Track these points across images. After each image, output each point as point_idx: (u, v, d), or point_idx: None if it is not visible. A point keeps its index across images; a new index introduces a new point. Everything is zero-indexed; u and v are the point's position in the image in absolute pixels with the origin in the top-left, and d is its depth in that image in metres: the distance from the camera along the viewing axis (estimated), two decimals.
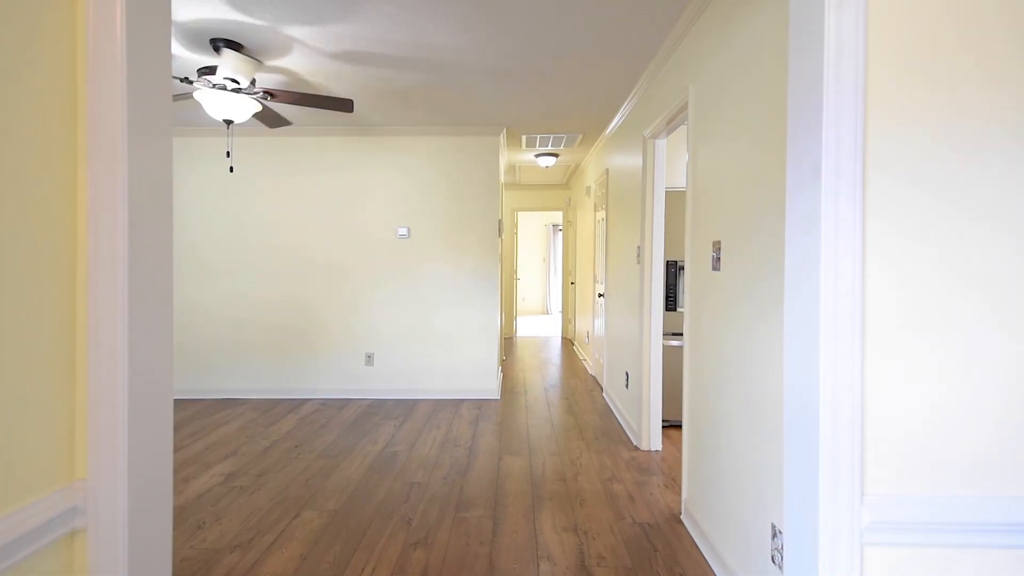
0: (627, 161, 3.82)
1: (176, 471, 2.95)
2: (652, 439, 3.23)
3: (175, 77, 2.47)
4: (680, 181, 3.97)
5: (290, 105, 3.48)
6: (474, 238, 4.49)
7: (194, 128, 4.39)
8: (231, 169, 2.92)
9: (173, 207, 4.12)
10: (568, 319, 7.85)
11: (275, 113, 3.05)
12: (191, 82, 2.58)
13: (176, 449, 3.30)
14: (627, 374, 3.67)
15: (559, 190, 7.87)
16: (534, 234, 11.42)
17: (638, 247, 3.40)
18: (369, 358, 4.51)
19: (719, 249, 2.10)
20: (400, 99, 3.68)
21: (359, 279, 4.50)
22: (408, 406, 4.26)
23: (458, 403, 4.34)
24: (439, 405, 4.28)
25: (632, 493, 2.65)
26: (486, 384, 4.48)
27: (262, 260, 4.50)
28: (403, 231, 4.48)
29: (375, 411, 4.13)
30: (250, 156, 4.47)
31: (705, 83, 2.26)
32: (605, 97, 3.67)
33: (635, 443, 3.34)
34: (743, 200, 1.85)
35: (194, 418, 3.94)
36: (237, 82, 2.69)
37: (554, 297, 11.31)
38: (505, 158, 5.70)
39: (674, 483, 2.78)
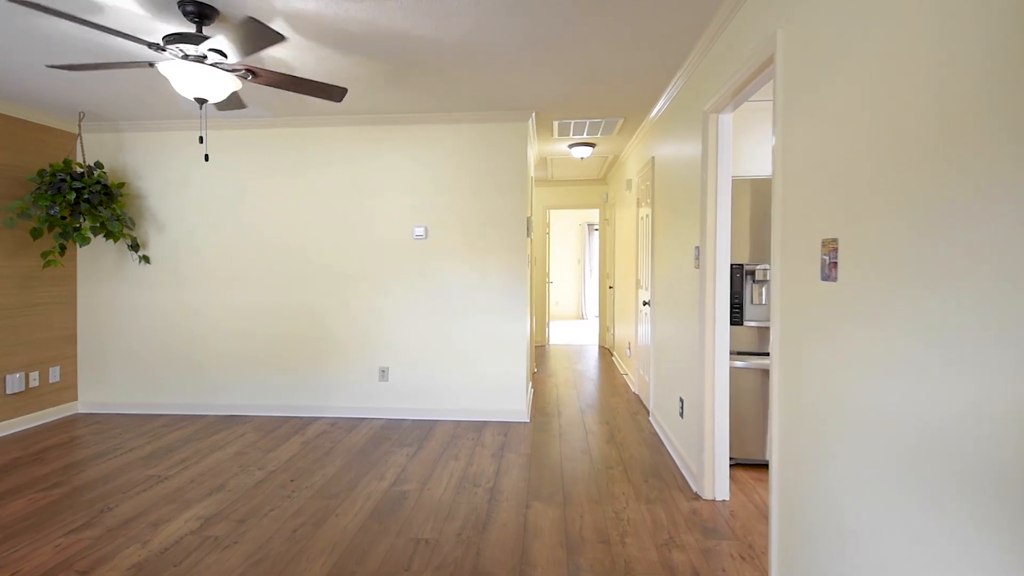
0: (679, 146, 3.19)
1: (148, 511, 2.53)
2: (717, 485, 2.60)
3: (134, 39, 2.03)
4: (743, 169, 3.30)
5: (274, 88, 3.03)
6: (499, 238, 3.95)
7: (190, 123, 4.01)
8: (206, 158, 2.49)
9: (178, 211, 3.65)
10: (606, 327, 7.21)
11: (236, 95, 2.59)
12: (159, 48, 2.13)
13: (159, 480, 2.89)
14: (681, 400, 3.04)
15: (595, 185, 7.25)
16: (568, 234, 10.81)
17: (696, 248, 2.78)
18: (383, 373, 4.03)
19: (834, 252, 1.48)
20: (411, 81, 3.18)
21: (371, 285, 4.03)
22: (425, 429, 3.76)
23: (481, 427, 3.80)
24: (460, 429, 3.76)
25: (699, 568, 2.04)
26: (513, 404, 3.93)
27: (267, 265, 4.09)
28: (420, 231, 3.98)
29: (388, 434, 3.64)
30: (250, 152, 4.07)
31: (806, 22, 1.63)
32: (653, 68, 3.05)
33: (694, 489, 2.72)
34: (890, 182, 1.23)
35: (191, 439, 3.55)
36: (223, 55, 2.23)
37: (590, 301, 10.65)
38: (535, 149, 5.14)
39: (752, 553, 2.15)
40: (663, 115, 3.66)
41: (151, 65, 2.07)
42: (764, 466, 3.05)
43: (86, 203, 3.61)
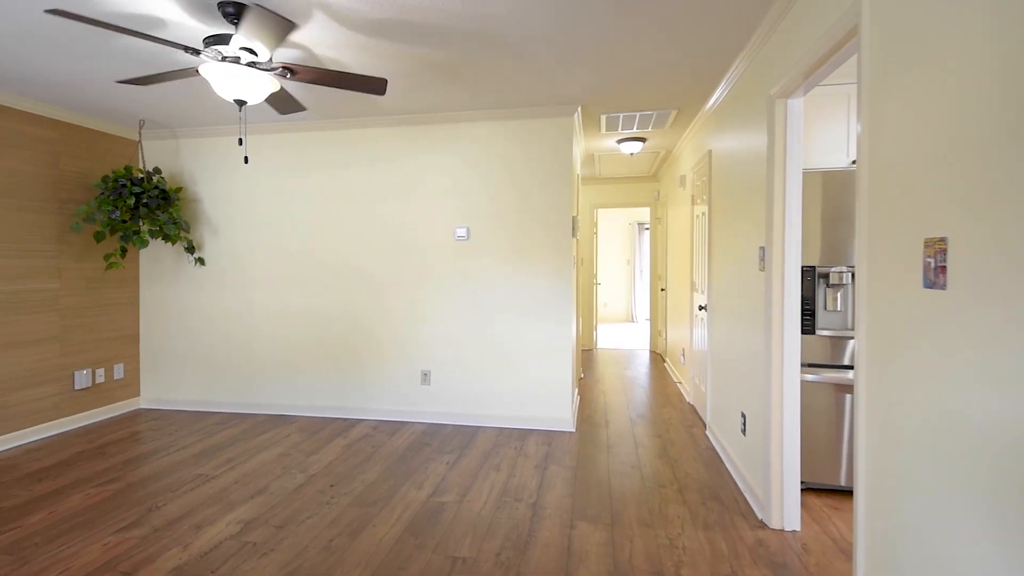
0: (739, 138, 2.92)
1: (193, 512, 2.54)
2: (787, 514, 2.33)
3: (177, 46, 2.03)
4: (811, 161, 2.99)
5: (314, 86, 3.00)
6: (544, 238, 3.79)
7: (233, 127, 4.10)
8: (246, 160, 2.48)
9: (229, 214, 3.72)
10: (657, 331, 6.89)
11: (289, 95, 2.56)
12: (197, 52, 2.12)
13: (206, 479, 2.93)
14: (744, 416, 2.77)
15: (645, 183, 6.94)
16: (617, 233, 10.48)
17: (761, 248, 2.52)
18: (425, 376, 3.96)
19: (941, 253, 1.23)
20: (451, 77, 3.08)
21: (413, 287, 3.98)
22: (467, 435, 3.65)
23: (524, 435, 3.65)
24: (502, 437, 3.62)
25: None
26: (558, 412, 3.76)
27: (312, 267, 4.13)
28: (461, 232, 3.89)
29: (429, 440, 3.56)
30: (294, 155, 4.11)
31: None
32: (710, 53, 2.80)
33: (759, 516, 2.45)
34: None
35: (239, 438, 3.61)
36: (254, 53, 2.21)
37: (640, 303, 10.29)
38: (581, 146, 4.95)
39: None
40: (721, 104, 3.39)
41: (187, 50, 2.06)
42: (839, 492, 2.73)
43: (145, 207, 3.75)
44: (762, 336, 2.49)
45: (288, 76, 2.34)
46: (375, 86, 2.40)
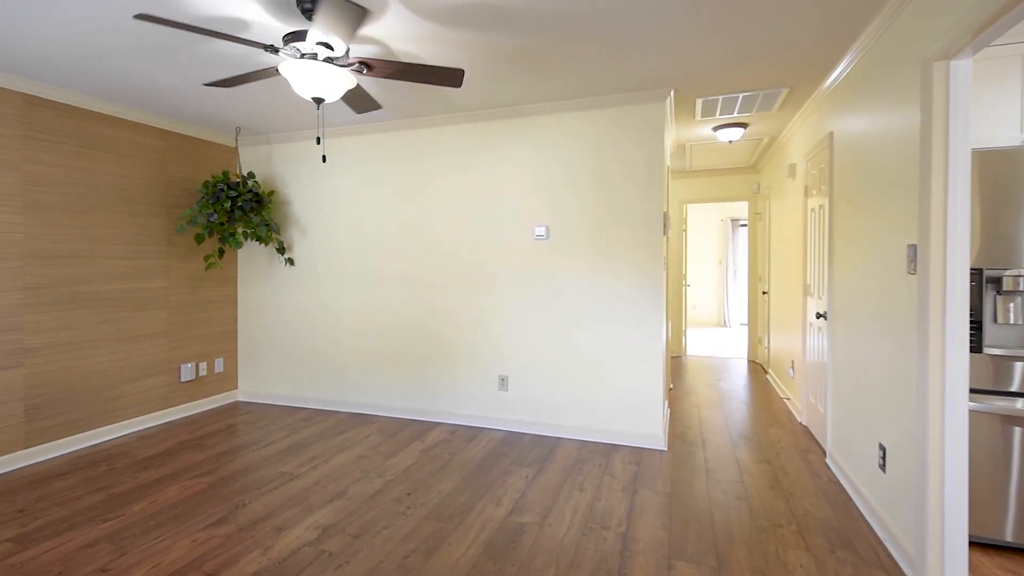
0: (875, 114, 2.43)
1: (275, 513, 2.54)
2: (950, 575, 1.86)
3: (257, 45, 2.00)
4: (971, 138, 2.42)
5: (390, 81, 2.91)
6: (631, 237, 3.47)
7: (327, 130, 4.17)
8: (323, 159, 2.44)
9: (315, 215, 3.73)
10: (757, 338, 6.25)
11: (365, 93, 2.47)
12: (277, 51, 2.08)
13: (289, 478, 2.95)
14: (883, 448, 2.30)
15: (743, 174, 6.32)
16: (708, 230, 9.76)
17: (910, 246, 2.05)
18: (503, 382, 3.79)
19: None
20: (530, 65, 2.86)
21: (490, 288, 3.82)
22: (546, 447, 3.43)
23: (610, 451, 3.36)
24: (584, 451, 3.36)
25: None
26: (647, 427, 3.42)
27: (391, 267, 4.11)
28: (540, 231, 3.67)
29: (507, 449, 3.38)
30: (372, 156, 4.11)
31: None
32: (837, 17, 2.35)
33: (909, 574, 1.99)
34: None
35: (322, 436, 3.65)
36: (331, 48, 2.14)
37: (734, 307, 9.50)
38: (672, 135, 4.54)
39: None
40: (848, 77, 2.88)
41: (267, 49, 2.01)
42: (1012, 550, 2.17)
43: (239, 210, 3.92)
44: (912, 353, 2.03)
45: (364, 71, 2.24)
46: (452, 77, 2.25)
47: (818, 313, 3.36)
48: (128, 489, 2.82)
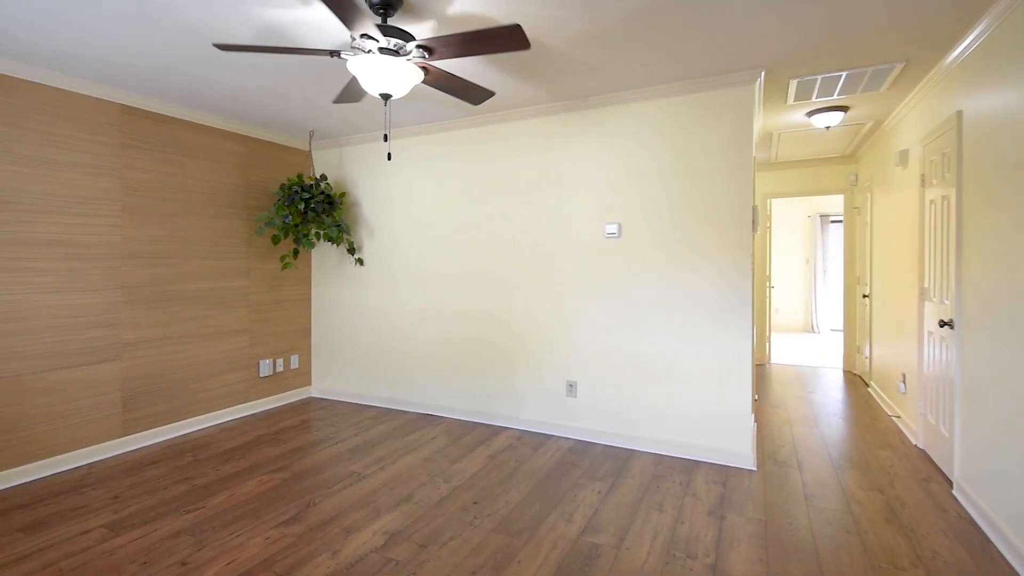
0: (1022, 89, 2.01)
1: (344, 514, 2.52)
2: None
3: (321, 52, 1.96)
4: None
5: (455, 61, 2.80)
6: (714, 234, 3.17)
7: (394, 131, 4.18)
8: (389, 156, 2.37)
9: (383, 216, 3.72)
10: (855, 346, 5.63)
11: (463, 81, 2.36)
12: (339, 54, 2.03)
13: (358, 478, 2.94)
14: None
15: (838, 165, 5.72)
16: (794, 228, 9.02)
17: None
18: (571, 388, 3.61)
19: None
20: (603, 48, 2.66)
21: (558, 289, 3.65)
22: (619, 459, 3.21)
23: (690, 468, 3.08)
24: (662, 466, 3.10)
25: None
26: (733, 444, 3.11)
27: (458, 267, 4.04)
28: (612, 228, 3.44)
29: (576, 459, 3.20)
30: (439, 155, 4.05)
31: None
32: None
33: None
34: None
35: (390, 436, 3.64)
36: (405, 37, 2.06)
37: (823, 311, 8.70)
38: (759, 123, 4.16)
39: None
40: (983, 46, 2.43)
41: (331, 54, 1.96)
42: None
43: (312, 211, 4.01)
44: None
45: (426, 56, 2.14)
46: (514, 38, 2.06)
47: (942, 321, 2.89)
48: (209, 481, 2.92)
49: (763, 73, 3.10)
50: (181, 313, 3.69)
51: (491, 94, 2.55)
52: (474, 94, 2.54)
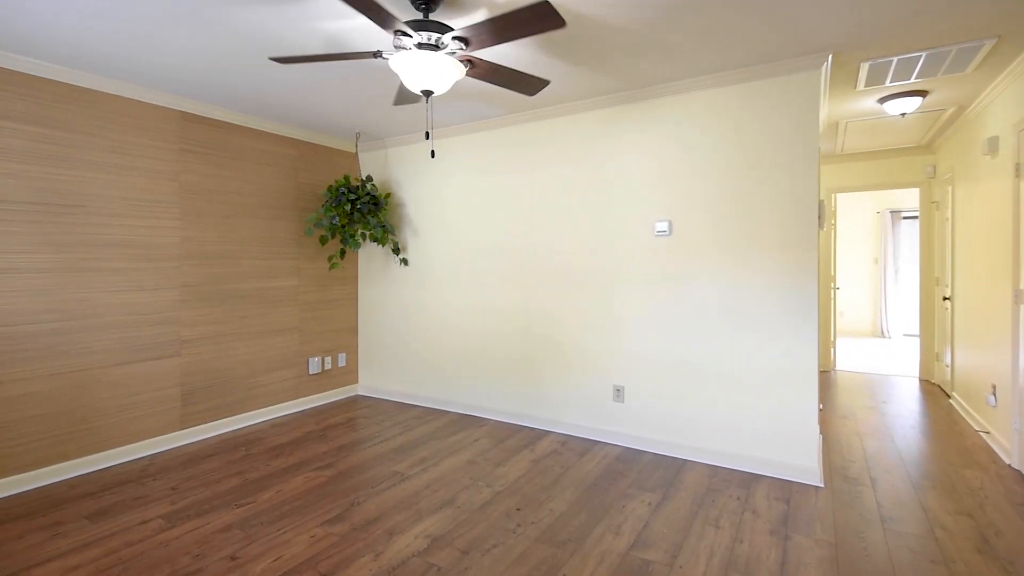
0: None
1: (387, 515, 2.50)
2: None
3: (364, 55, 1.94)
4: None
5: (495, 51, 2.72)
6: (773, 231, 2.95)
7: (438, 131, 4.16)
8: (432, 154, 2.33)
9: (427, 216, 3.70)
10: (932, 353, 5.17)
11: (513, 72, 2.29)
12: (380, 54, 2.00)
13: (401, 479, 2.93)
14: None
15: (912, 156, 5.27)
16: (861, 224, 8.43)
17: None
18: (618, 392, 3.47)
19: None
20: (656, 28, 2.52)
21: (604, 289, 3.51)
22: (670, 469, 3.04)
23: (748, 481, 2.88)
24: (717, 479, 2.92)
25: None
26: (796, 457, 2.89)
27: (503, 267, 3.98)
28: (662, 226, 3.28)
29: (624, 468, 3.06)
30: (483, 154, 4.00)
31: None
32: None
33: None
34: None
35: (433, 436, 3.63)
36: (442, 30, 2.02)
37: (893, 314, 8.08)
38: (824, 112, 3.87)
39: None
40: None
41: (374, 55, 1.93)
42: None
43: (358, 212, 4.06)
44: None
45: (466, 48, 2.08)
46: (547, 18, 1.94)
47: None
48: (260, 476, 2.98)
49: (830, 56, 2.86)
50: (235, 311, 3.82)
51: (546, 83, 2.46)
52: (528, 84, 2.46)
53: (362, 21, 2.36)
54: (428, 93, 2.09)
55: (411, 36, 2.03)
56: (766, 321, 2.98)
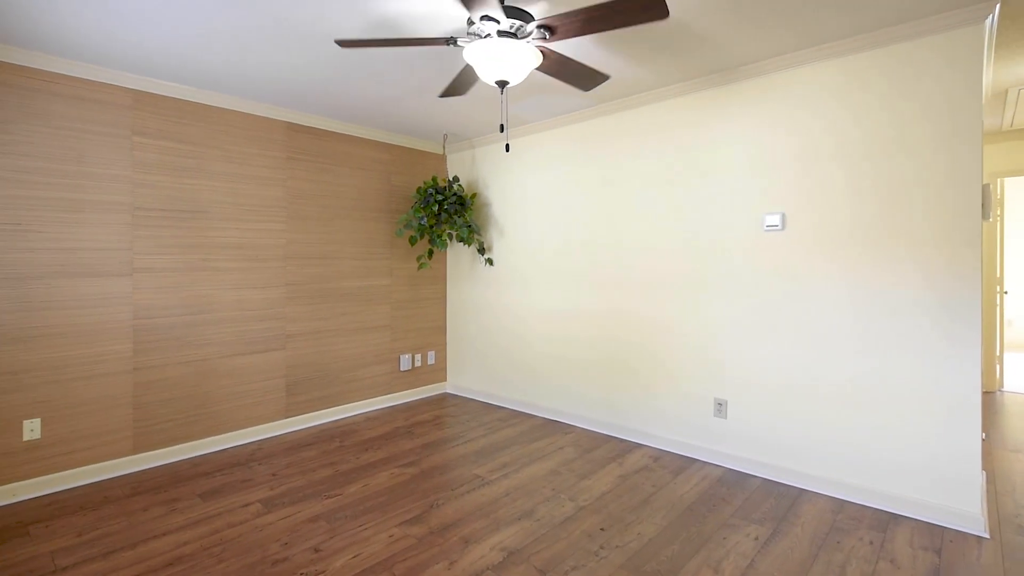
0: None
1: (464, 521, 2.44)
2: None
3: (438, 42, 1.87)
4: None
5: (583, 39, 2.51)
6: (923, 223, 2.45)
7: (520, 129, 4.05)
8: (507, 148, 2.21)
9: (511, 215, 3.60)
10: None
11: (579, 65, 2.13)
12: (455, 41, 1.92)
13: (481, 483, 2.87)
14: None
15: None
16: None
17: None
18: (720, 407, 3.12)
19: None
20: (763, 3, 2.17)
21: (703, 292, 3.17)
22: (783, 499, 2.65)
23: (885, 522, 2.42)
24: (843, 516, 2.49)
25: None
26: (950, 498, 2.37)
27: (590, 267, 3.77)
28: (773, 220, 2.87)
29: (727, 493, 2.73)
30: (566, 150, 3.81)
31: None
32: None
33: None
34: None
35: (517, 441, 3.54)
36: (525, 18, 1.90)
37: None
38: (987, 79, 3.20)
39: None
40: None
41: (447, 42, 1.85)
42: None
43: (445, 212, 4.09)
44: None
45: (547, 37, 1.93)
46: (652, 7, 1.73)
47: None
48: (350, 468, 3.09)
49: (998, 7, 2.31)
50: (334, 309, 4.02)
51: (606, 77, 2.26)
52: (588, 79, 2.27)
53: (419, 7, 2.30)
54: (503, 84, 1.98)
55: (497, 22, 1.93)
56: (910, 330, 2.48)
